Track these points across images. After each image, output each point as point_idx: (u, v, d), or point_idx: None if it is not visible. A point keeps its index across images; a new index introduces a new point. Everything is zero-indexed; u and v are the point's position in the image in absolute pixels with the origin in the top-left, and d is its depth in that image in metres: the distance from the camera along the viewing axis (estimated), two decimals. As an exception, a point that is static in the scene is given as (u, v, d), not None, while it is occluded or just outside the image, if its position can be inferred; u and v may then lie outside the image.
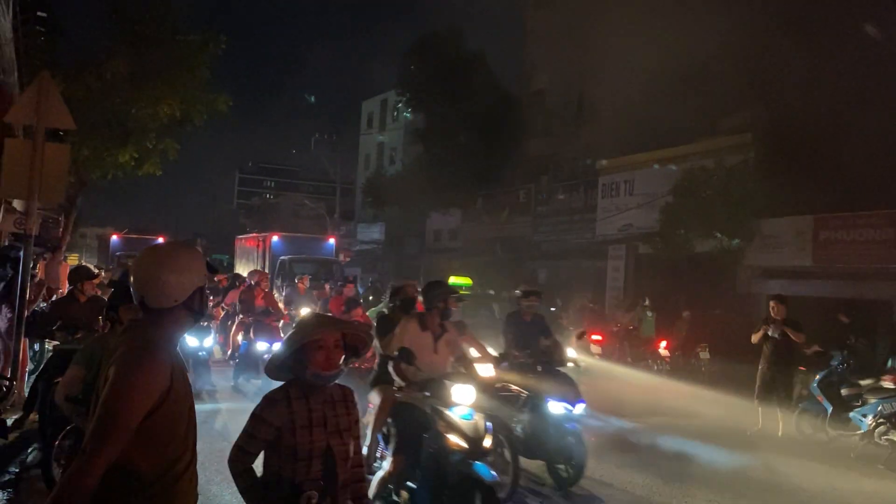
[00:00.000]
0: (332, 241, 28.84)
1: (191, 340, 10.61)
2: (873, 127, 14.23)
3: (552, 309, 16.54)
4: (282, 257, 24.88)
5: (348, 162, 50.98)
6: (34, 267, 11.48)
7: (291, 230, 33.93)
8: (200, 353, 11.03)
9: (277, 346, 8.32)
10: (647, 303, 17.65)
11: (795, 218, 17.50)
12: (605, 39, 20.32)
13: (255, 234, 31.52)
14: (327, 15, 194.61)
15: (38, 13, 14.66)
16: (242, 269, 27.70)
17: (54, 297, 10.44)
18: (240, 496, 2.96)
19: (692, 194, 18.00)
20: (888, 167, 14.26)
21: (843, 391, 9.83)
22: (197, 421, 2.59)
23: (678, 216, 18.21)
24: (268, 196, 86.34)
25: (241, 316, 12.80)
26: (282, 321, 12.44)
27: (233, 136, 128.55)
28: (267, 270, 23.94)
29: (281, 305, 14.45)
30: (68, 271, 10.95)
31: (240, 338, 12.86)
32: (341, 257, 31.36)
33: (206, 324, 11.39)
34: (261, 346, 11.40)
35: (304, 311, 12.59)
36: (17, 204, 13.56)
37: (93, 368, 4.23)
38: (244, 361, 11.79)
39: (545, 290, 12.19)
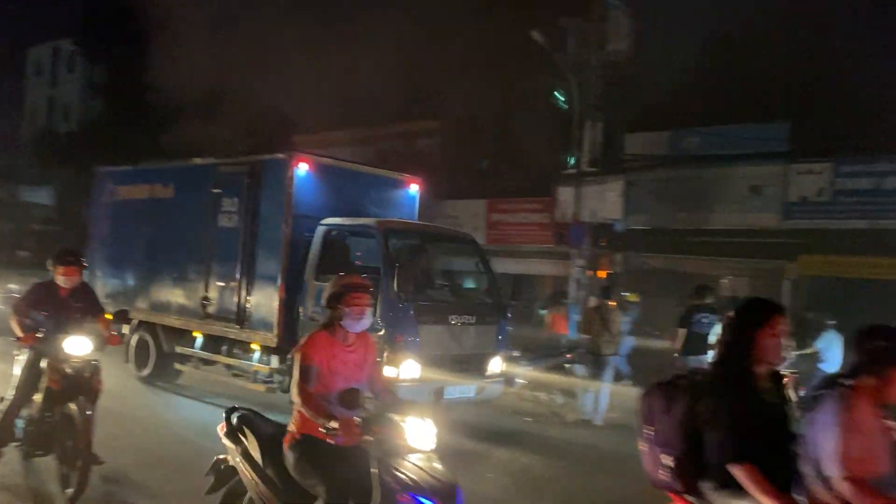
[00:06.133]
0: (413, 187, 10.55)
1: None
2: (537, 125, 16.22)
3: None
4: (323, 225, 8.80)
5: (8, 114, 44.38)
6: None
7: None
8: None
9: None
10: None
11: (472, 201, 19.30)
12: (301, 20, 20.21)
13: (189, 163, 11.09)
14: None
15: None
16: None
17: None
18: None
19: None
20: (546, 159, 16.40)
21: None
22: None
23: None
24: None
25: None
26: None
27: None
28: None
29: None
30: None
31: None
32: None
33: None
34: None
35: None
36: None
37: None
38: None
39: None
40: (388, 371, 7.51)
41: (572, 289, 15.09)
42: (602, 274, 15.94)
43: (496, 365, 8.68)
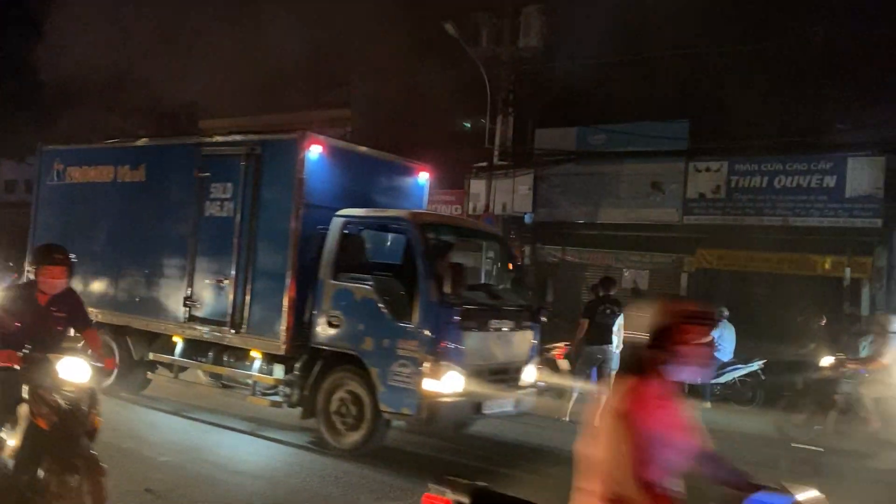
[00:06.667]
0: (423, 175, 9.42)
1: None
2: (450, 115, 16.35)
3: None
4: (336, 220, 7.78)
5: None
6: None
7: None
8: None
9: None
10: None
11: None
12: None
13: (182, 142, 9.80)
14: None
15: None
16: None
17: None
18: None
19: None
20: (459, 151, 16.53)
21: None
22: None
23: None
24: None
25: None
26: None
27: None
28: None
29: None
30: None
31: None
32: None
33: None
34: None
35: None
36: None
37: None
38: None
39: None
40: (428, 384, 6.75)
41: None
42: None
43: (530, 374, 7.85)
